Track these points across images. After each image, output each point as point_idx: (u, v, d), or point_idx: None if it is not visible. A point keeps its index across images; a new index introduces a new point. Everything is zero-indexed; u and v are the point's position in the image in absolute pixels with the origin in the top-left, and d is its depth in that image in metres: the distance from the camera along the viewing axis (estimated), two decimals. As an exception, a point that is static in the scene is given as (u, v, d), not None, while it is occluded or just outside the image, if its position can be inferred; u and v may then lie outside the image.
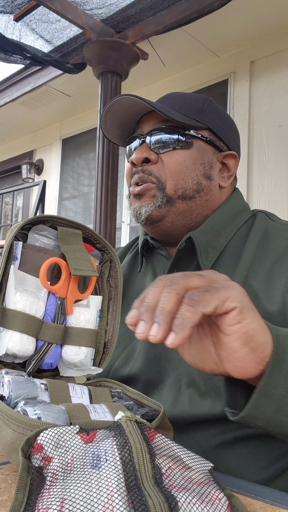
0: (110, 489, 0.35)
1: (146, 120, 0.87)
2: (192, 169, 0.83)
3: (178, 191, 0.82)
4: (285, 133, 3.07)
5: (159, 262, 0.89)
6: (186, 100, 0.86)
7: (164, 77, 3.77)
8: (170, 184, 0.82)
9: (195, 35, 3.17)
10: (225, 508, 0.36)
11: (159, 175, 0.83)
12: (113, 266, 0.74)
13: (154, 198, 0.82)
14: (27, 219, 0.68)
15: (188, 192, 0.83)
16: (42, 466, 0.40)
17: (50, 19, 2.92)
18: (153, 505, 0.32)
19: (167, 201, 0.82)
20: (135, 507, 0.33)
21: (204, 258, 0.80)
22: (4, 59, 3.01)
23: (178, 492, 0.37)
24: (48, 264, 0.66)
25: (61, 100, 4.34)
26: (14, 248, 0.67)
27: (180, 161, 0.82)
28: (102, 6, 2.74)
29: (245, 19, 2.98)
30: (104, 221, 2.90)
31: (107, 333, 0.72)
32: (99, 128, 2.95)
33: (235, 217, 0.86)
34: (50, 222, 0.71)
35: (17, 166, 5.34)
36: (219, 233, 0.83)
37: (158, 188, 0.82)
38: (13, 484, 0.47)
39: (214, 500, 0.36)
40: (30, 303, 0.64)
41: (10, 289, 0.64)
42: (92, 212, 4.35)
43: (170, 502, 0.33)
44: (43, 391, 0.57)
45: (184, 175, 0.82)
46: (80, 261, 0.68)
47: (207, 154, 0.85)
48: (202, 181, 0.84)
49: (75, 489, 0.36)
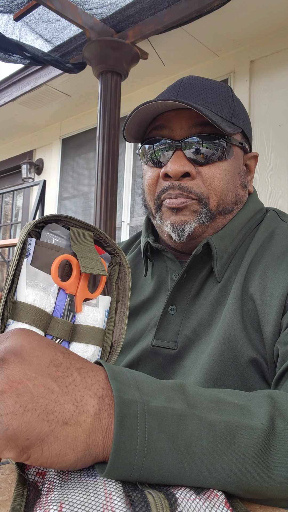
0: (108, 492, 0.36)
1: (175, 119, 0.75)
2: (232, 182, 0.76)
3: (220, 206, 0.75)
4: (285, 133, 3.07)
5: (165, 264, 0.83)
6: (217, 96, 0.76)
7: (164, 76, 3.77)
8: (213, 201, 0.74)
9: (195, 35, 3.17)
10: (223, 503, 0.36)
11: (199, 192, 0.74)
12: (122, 269, 0.74)
13: (197, 214, 0.74)
14: (41, 217, 0.70)
15: (228, 206, 0.76)
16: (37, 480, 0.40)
17: (50, 18, 2.92)
18: (153, 501, 0.33)
19: (210, 217, 0.75)
20: (134, 505, 0.34)
21: (219, 265, 0.75)
22: (4, 59, 3.01)
23: (176, 490, 0.37)
24: (60, 260, 0.67)
25: (61, 100, 4.34)
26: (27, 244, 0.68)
27: (222, 176, 0.74)
28: (102, 5, 2.74)
29: (245, 19, 2.98)
30: (104, 221, 2.90)
31: (114, 334, 0.72)
32: (99, 127, 2.95)
33: (250, 219, 0.80)
34: (63, 222, 0.72)
35: (17, 165, 5.34)
36: (235, 238, 0.77)
37: (200, 204, 0.74)
38: (13, 484, 0.47)
39: (213, 497, 0.36)
40: (40, 298, 0.65)
41: (22, 283, 0.65)
42: (92, 212, 4.35)
43: (170, 499, 0.33)
44: None
45: (226, 190, 0.75)
46: (91, 260, 0.69)
47: (241, 160, 0.78)
48: (239, 192, 0.78)
49: (73, 493, 0.36)
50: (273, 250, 0.73)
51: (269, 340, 0.65)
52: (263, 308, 0.67)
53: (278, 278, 0.68)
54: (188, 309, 0.76)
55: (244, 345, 0.67)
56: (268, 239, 0.76)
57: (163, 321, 0.76)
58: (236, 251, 0.77)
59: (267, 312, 0.67)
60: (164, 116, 0.76)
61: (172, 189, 0.74)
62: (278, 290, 0.67)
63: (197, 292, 0.77)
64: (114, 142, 2.93)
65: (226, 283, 0.74)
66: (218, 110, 0.74)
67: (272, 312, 0.66)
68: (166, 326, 0.76)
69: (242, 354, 0.66)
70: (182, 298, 0.77)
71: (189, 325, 0.74)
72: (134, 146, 4.12)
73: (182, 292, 0.77)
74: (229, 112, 0.76)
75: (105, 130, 2.92)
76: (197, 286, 0.77)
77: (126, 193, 4.12)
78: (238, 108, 0.79)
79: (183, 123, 0.74)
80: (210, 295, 0.75)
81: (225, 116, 0.75)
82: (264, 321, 0.66)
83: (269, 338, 0.65)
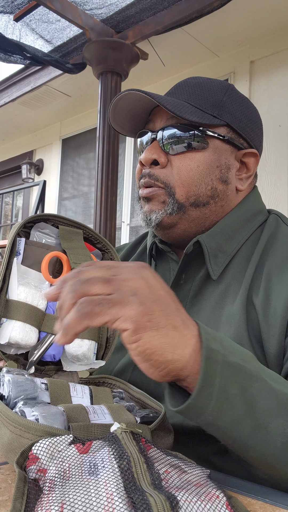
0: (109, 492, 0.36)
1: (158, 113, 0.78)
2: (206, 174, 0.75)
3: (190, 198, 0.75)
4: (285, 133, 3.07)
5: (169, 265, 0.83)
6: (204, 91, 0.77)
7: (164, 77, 3.77)
8: (180, 191, 0.75)
9: (195, 35, 3.17)
10: (224, 505, 0.36)
11: (166, 180, 0.75)
12: None
13: (164, 204, 0.75)
14: (29, 217, 0.70)
15: (201, 199, 0.76)
16: (38, 478, 0.40)
17: (50, 19, 2.92)
18: (155, 503, 0.33)
19: (178, 208, 0.75)
20: (136, 507, 0.33)
21: (214, 263, 0.75)
22: (4, 59, 3.01)
23: (177, 491, 0.37)
24: (49, 257, 0.68)
25: (61, 100, 4.34)
26: (17, 244, 0.68)
27: (193, 167, 0.75)
28: (102, 6, 2.74)
29: (245, 19, 2.98)
30: (104, 221, 2.90)
31: (109, 328, 0.73)
32: (99, 127, 2.95)
33: (250, 220, 0.79)
34: (52, 221, 0.72)
35: (17, 166, 5.34)
36: (231, 237, 0.76)
37: (167, 193, 0.75)
38: (13, 484, 0.47)
39: (214, 499, 0.36)
40: (32, 295, 0.66)
41: (13, 282, 0.66)
42: (92, 212, 4.35)
43: (172, 501, 0.33)
44: (44, 390, 0.57)
45: (197, 181, 0.75)
46: (81, 256, 0.70)
47: (224, 154, 0.77)
48: (217, 186, 0.76)
49: (74, 493, 0.36)
50: (276, 256, 0.73)
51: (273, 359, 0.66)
52: (265, 320, 0.67)
53: (281, 288, 0.68)
54: (188, 310, 0.75)
55: None
56: (269, 244, 0.75)
57: None
58: (236, 252, 0.76)
59: (270, 324, 0.66)
60: (153, 111, 0.80)
61: (144, 177, 0.77)
62: (281, 301, 0.67)
63: (196, 293, 0.76)
64: (114, 142, 2.93)
65: (228, 286, 0.74)
66: (197, 103, 0.75)
67: (275, 326, 0.66)
68: None
69: None
70: (181, 299, 0.77)
71: None
72: (134, 146, 4.12)
73: (181, 293, 0.77)
74: (212, 105, 0.76)
75: (105, 130, 2.92)
76: (196, 287, 0.77)
77: (126, 193, 4.12)
78: (231, 104, 0.78)
79: (163, 116, 0.77)
80: (211, 297, 0.74)
81: (204, 107, 0.75)
82: (267, 337, 0.66)
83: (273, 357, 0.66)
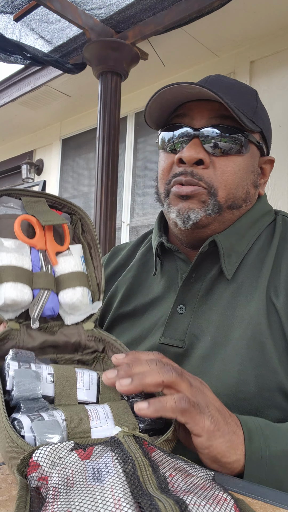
0: (116, 498, 0.35)
1: (197, 108, 0.76)
2: (244, 178, 0.77)
3: (228, 200, 0.76)
4: (285, 133, 3.07)
5: (175, 265, 0.83)
6: (242, 95, 0.78)
7: (164, 77, 3.77)
8: (222, 193, 0.75)
9: (195, 35, 3.17)
10: (233, 508, 0.36)
11: (210, 181, 0.74)
12: (84, 222, 0.78)
13: (205, 204, 0.74)
14: None
15: (237, 202, 0.77)
16: (39, 486, 0.39)
17: (50, 19, 2.92)
18: (164, 508, 0.32)
19: (217, 209, 0.75)
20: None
21: (228, 263, 0.75)
22: (4, 59, 3.01)
23: (185, 495, 0.37)
24: (20, 220, 0.69)
25: (61, 100, 4.33)
26: None
27: (235, 170, 0.75)
28: (102, 6, 2.74)
29: (245, 19, 2.98)
30: (104, 221, 2.90)
31: (97, 276, 0.76)
32: (99, 127, 2.95)
33: (258, 220, 0.81)
34: (13, 195, 0.74)
35: (17, 166, 5.33)
36: (243, 237, 0.78)
37: (209, 194, 0.75)
38: (13, 484, 0.47)
39: (223, 502, 0.36)
40: (15, 258, 0.68)
41: None
42: (92, 212, 4.35)
43: (181, 505, 0.33)
44: (49, 383, 0.57)
45: (237, 185, 0.76)
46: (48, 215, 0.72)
47: (256, 160, 0.80)
48: (250, 190, 0.79)
49: (80, 501, 0.35)
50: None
51: None
52: None
53: None
54: (197, 308, 0.76)
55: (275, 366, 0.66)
56: (282, 246, 0.77)
57: (172, 320, 0.77)
58: (247, 250, 0.78)
59: None
60: (187, 105, 0.77)
61: (183, 175, 0.75)
62: None
63: (206, 291, 0.77)
64: (114, 142, 2.93)
65: (240, 286, 0.74)
66: (240, 106, 0.76)
67: None
68: (175, 324, 0.76)
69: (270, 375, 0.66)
70: (191, 298, 0.77)
71: (198, 324, 0.74)
72: (134, 146, 4.12)
73: (191, 292, 0.77)
74: (250, 111, 0.77)
75: (105, 130, 2.92)
76: (207, 286, 0.77)
77: (126, 193, 4.12)
78: (261, 110, 0.80)
79: (204, 114, 0.76)
80: (222, 296, 0.75)
81: (246, 113, 0.76)
82: None
83: None
